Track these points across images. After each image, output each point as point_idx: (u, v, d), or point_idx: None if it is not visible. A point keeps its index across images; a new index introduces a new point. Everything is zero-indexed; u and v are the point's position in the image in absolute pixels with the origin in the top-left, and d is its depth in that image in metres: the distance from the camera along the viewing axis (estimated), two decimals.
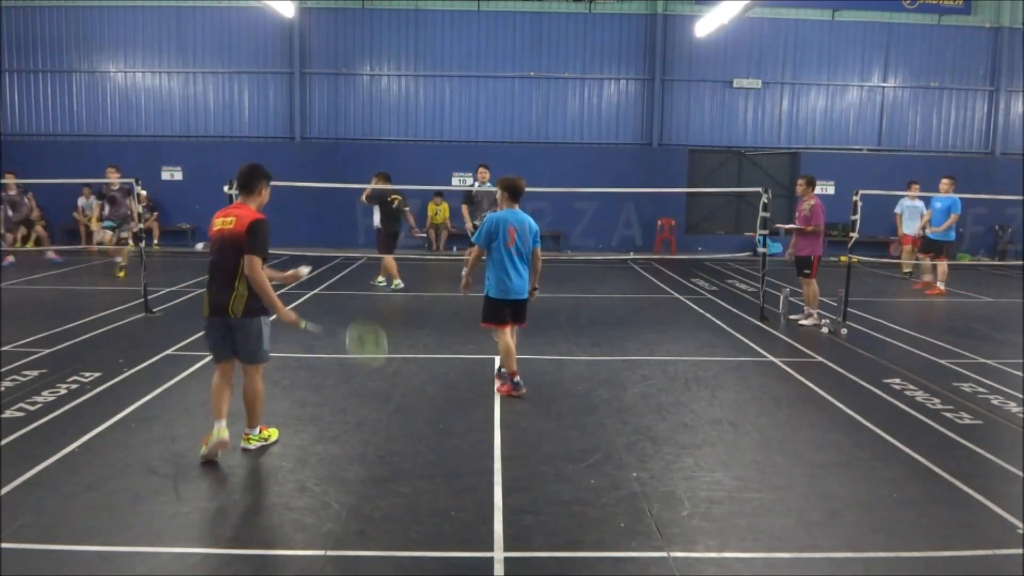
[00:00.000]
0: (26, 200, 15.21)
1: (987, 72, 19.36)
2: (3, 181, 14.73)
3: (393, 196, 12.10)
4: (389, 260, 12.27)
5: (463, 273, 7.14)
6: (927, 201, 14.03)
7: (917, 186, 14.20)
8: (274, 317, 5.14)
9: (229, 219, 4.92)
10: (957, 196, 12.76)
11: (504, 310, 6.52)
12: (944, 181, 12.89)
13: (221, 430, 4.89)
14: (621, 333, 9.29)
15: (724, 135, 19.48)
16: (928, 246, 13.01)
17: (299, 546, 3.91)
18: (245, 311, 4.90)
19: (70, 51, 18.79)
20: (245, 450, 5.15)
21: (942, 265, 12.85)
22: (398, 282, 12.40)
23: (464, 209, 12.42)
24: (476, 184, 12.34)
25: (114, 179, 12.98)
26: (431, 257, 17.53)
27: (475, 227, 12.16)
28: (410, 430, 5.71)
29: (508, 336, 6.55)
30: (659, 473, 4.92)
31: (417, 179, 16.61)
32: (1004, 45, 19.06)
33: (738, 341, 8.96)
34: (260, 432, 5.26)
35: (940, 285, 12.90)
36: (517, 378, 6.54)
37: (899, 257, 15.19)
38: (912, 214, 14.45)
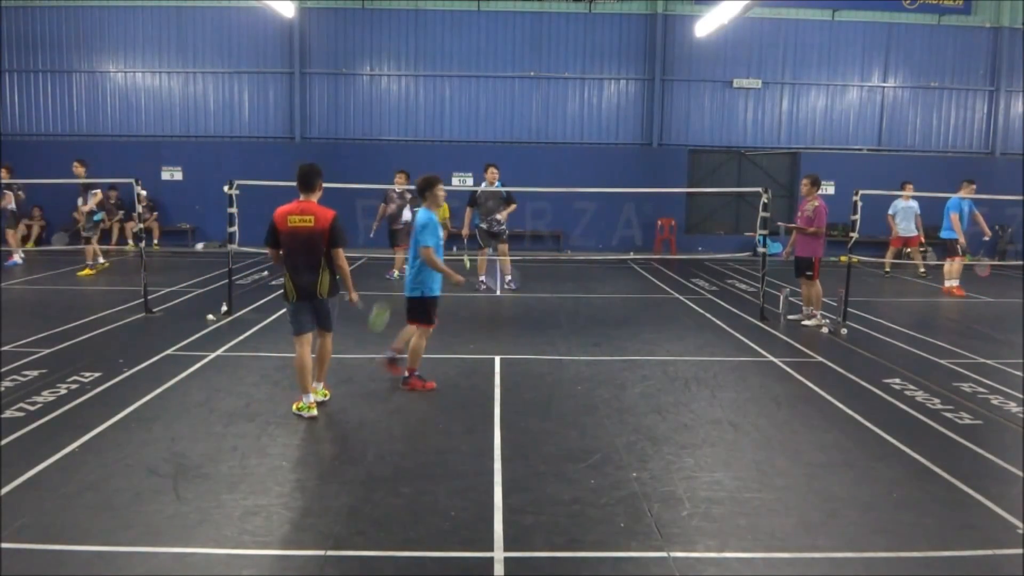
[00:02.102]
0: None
1: (987, 72, 19.36)
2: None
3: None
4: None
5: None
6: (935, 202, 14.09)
7: (911, 186, 14.21)
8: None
9: (307, 217, 5.79)
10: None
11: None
12: (973, 186, 13.02)
13: (312, 405, 5.91)
14: (621, 333, 9.29)
15: (724, 135, 19.48)
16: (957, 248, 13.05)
17: (299, 546, 3.91)
18: (329, 292, 5.93)
19: (70, 51, 18.78)
20: (319, 403, 6.06)
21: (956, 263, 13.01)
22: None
23: (468, 212, 12.34)
24: (484, 184, 12.24)
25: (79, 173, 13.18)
26: None
27: (475, 229, 12.12)
28: (410, 430, 5.72)
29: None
30: (659, 473, 4.92)
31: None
32: (1004, 45, 19.06)
33: (738, 341, 8.95)
34: (322, 388, 6.27)
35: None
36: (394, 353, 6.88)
37: (910, 258, 15.22)
38: (906, 215, 14.46)
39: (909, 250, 15.08)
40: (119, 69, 18.93)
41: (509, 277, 12.42)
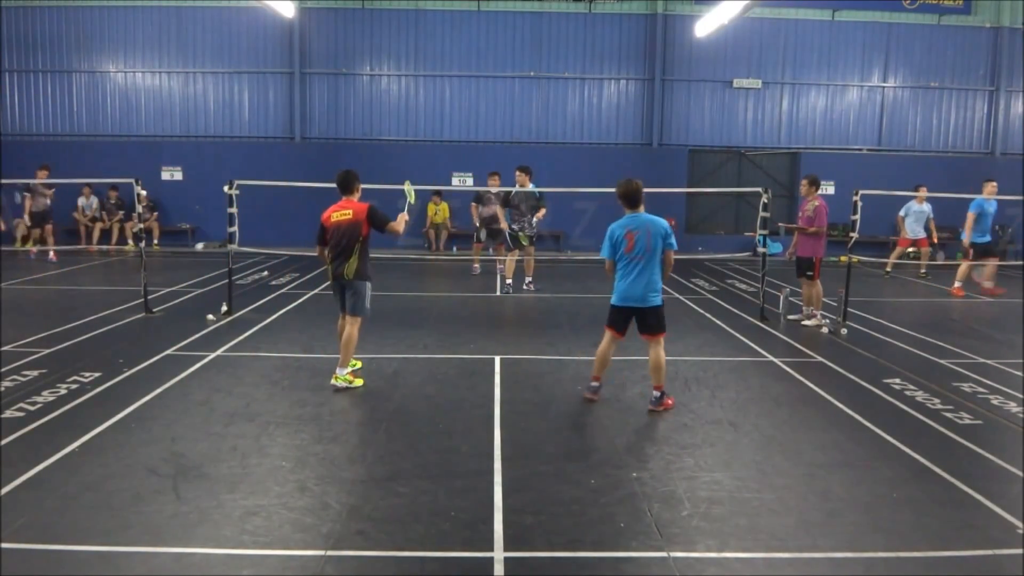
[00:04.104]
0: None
1: (987, 72, 19.35)
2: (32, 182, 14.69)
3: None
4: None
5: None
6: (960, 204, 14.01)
7: (924, 189, 14.25)
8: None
9: (346, 212, 6.61)
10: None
11: (615, 314, 6.42)
12: (994, 184, 12.96)
13: (346, 376, 6.59)
14: None
15: (724, 135, 19.47)
16: (987, 250, 13.00)
17: (299, 546, 3.91)
18: (355, 276, 6.56)
19: (70, 51, 18.77)
20: (335, 388, 6.52)
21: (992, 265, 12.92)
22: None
23: (501, 211, 12.30)
24: (516, 186, 12.08)
25: None
26: (431, 257, 17.54)
27: (512, 230, 12.08)
28: (410, 430, 5.71)
29: (606, 340, 6.46)
30: (659, 473, 4.92)
31: (417, 179, 16.54)
32: (1004, 45, 19.05)
33: (738, 341, 8.95)
34: (347, 375, 6.61)
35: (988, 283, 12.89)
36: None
37: (917, 257, 15.27)
38: (918, 218, 14.53)
39: (912, 250, 15.11)
40: (119, 69, 18.91)
41: (530, 279, 12.38)
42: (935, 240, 14.93)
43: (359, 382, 6.73)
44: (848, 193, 10.55)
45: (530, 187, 11.98)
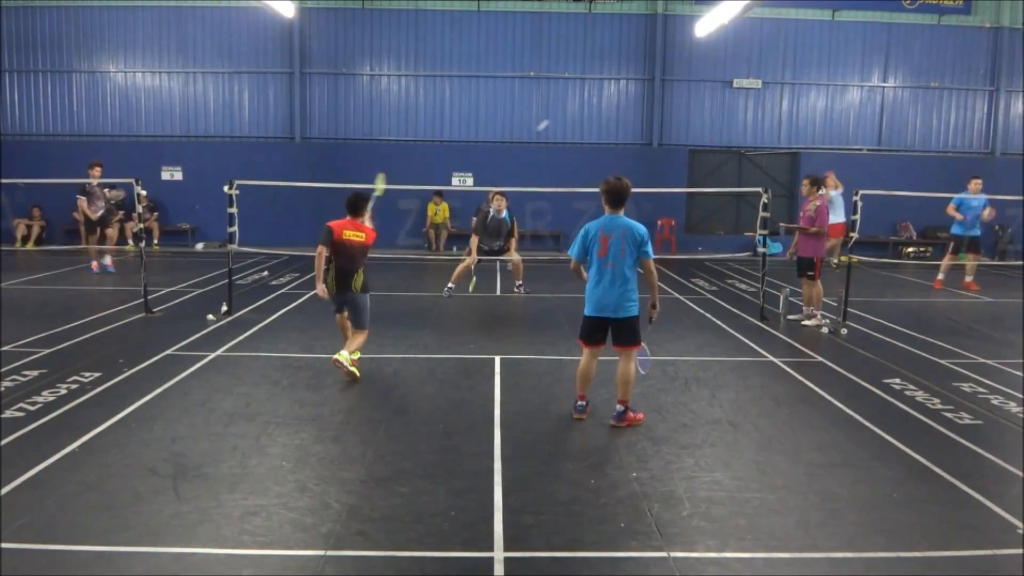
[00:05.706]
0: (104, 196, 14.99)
1: (987, 72, 19.36)
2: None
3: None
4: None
5: None
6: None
7: (832, 174, 14.89)
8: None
9: (360, 234, 7.20)
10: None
11: (590, 326, 5.91)
12: (978, 181, 13.20)
13: (341, 354, 6.93)
14: None
15: (724, 135, 19.47)
16: (974, 244, 13.26)
17: (299, 546, 3.91)
18: (361, 289, 7.18)
19: (70, 51, 18.78)
20: (334, 363, 6.81)
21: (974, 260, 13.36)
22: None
23: (474, 240, 11.68)
24: (492, 211, 11.70)
25: None
26: (431, 257, 17.54)
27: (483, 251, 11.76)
28: (410, 430, 5.71)
29: (586, 357, 5.98)
30: (659, 473, 4.92)
31: (417, 179, 16.62)
32: (1004, 45, 19.06)
33: (738, 341, 8.95)
34: (348, 355, 6.92)
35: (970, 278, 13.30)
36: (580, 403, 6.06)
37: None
38: (836, 204, 14.62)
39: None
40: (119, 69, 18.92)
41: (520, 282, 12.26)
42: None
43: (356, 372, 6.95)
44: (848, 193, 10.55)
45: (504, 215, 11.72)
